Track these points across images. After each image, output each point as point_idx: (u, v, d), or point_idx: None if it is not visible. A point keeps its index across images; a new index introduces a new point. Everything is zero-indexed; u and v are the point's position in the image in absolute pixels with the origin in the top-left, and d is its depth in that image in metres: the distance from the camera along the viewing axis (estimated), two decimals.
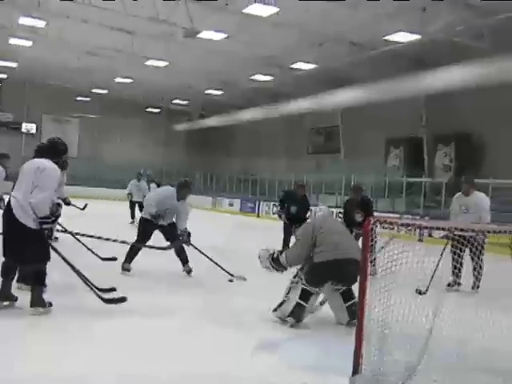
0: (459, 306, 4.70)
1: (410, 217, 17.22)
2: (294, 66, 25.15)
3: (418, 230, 16.56)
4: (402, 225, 5.96)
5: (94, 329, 5.62)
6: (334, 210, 23.25)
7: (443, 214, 15.29)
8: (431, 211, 19.60)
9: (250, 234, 19.68)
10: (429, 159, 23.60)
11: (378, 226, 4.51)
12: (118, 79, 32.20)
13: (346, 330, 5.52)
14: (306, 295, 6.12)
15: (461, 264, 7.52)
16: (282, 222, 12.13)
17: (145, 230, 8.94)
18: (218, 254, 9.56)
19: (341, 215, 13.41)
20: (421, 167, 23.38)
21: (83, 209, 12.32)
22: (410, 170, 23.31)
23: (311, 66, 25.02)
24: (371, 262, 4.67)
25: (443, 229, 7.31)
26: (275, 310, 6.29)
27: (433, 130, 23.38)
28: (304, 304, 6.10)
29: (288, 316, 6.11)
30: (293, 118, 29.66)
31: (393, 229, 6.02)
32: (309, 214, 12.13)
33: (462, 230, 4.90)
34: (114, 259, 8.60)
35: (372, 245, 4.46)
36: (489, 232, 5.10)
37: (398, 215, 18.09)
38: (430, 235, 15.47)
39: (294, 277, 6.33)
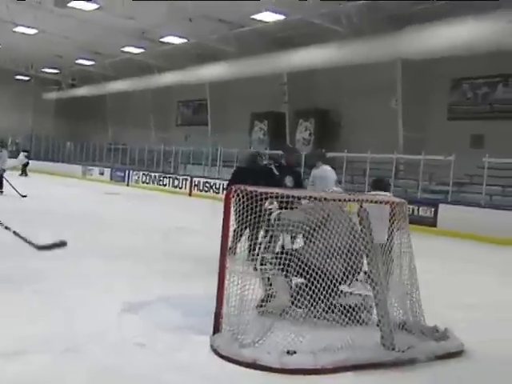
0: None
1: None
2: (165, 39, 25.69)
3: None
4: (261, 193, 6.09)
5: None
6: (201, 179, 24.37)
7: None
8: None
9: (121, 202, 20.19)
10: (290, 133, 24.93)
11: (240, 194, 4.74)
12: None
13: (207, 292, 5.00)
14: None
15: None
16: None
17: None
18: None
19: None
20: (283, 140, 24.45)
21: None
22: (273, 143, 24.42)
23: (181, 41, 25.66)
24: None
25: (298, 198, 7.80)
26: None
27: (294, 105, 24.66)
28: None
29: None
30: (162, 90, 30.23)
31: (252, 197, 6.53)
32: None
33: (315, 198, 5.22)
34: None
35: None
36: (340, 201, 5.24)
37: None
38: None
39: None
